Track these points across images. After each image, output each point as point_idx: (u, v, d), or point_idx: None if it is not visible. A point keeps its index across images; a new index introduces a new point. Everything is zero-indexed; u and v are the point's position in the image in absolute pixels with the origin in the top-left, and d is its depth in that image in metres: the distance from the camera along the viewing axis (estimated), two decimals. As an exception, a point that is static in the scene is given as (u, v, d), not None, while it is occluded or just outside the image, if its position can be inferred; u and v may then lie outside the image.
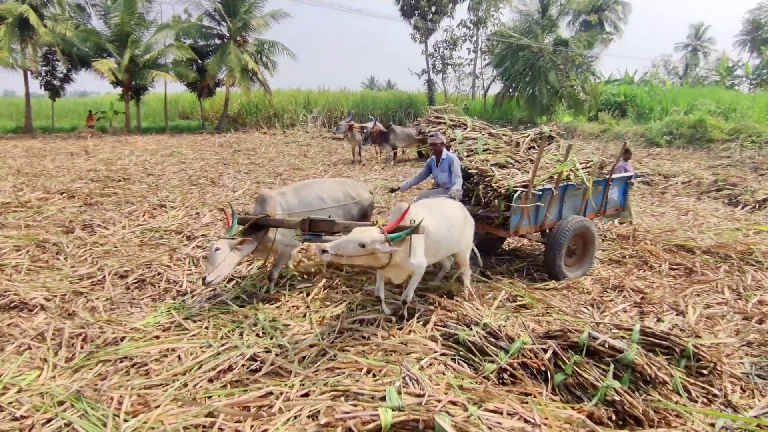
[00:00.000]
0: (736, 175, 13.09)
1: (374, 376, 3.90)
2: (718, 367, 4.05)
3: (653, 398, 3.65)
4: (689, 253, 7.20)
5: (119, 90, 27.38)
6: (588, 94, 27.96)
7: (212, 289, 5.72)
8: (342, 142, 21.68)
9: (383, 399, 3.35)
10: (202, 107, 32.05)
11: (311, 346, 4.40)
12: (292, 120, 32.41)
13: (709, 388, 3.89)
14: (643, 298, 5.72)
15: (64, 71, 26.53)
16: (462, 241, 5.29)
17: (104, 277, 5.95)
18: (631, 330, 4.21)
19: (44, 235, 7.21)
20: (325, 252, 3.96)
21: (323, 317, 5.01)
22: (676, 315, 5.34)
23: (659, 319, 5.22)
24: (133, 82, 26.72)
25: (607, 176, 6.86)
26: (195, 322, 4.89)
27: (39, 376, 3.96)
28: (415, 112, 33.73)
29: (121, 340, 4.53)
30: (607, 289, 6.01)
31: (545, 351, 4.01)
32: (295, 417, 3.30)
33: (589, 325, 4.40)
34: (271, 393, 3.70)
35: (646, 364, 3.75)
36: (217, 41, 28.68)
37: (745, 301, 5.71)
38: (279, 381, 3.86)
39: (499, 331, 4.33)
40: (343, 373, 3.90)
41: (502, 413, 3.21)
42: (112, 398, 3.66)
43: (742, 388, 4.03)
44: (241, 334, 4.63)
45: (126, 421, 3.41)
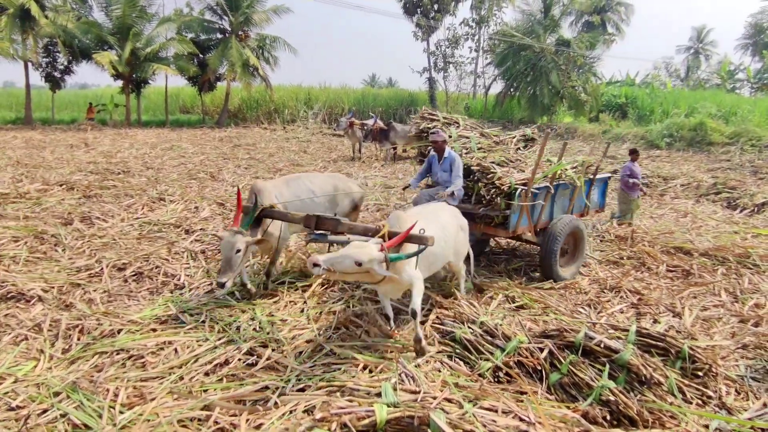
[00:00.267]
0: (736, 179, 13.10)
1: (370, 372, 3.91)
2: (714, 369, 4.06)
3: (648, 399, 3.66)
4: (687, 255, 7.21)
5: (120, 83, 27.30)
6: (589, 95, 27.98)
7: (209, 283, 5.72)
8: (342, 139, 21.67)
9: (379, 395, 3.36)
10: (202, 101, 31.99)
11: (308, 342, 4.41)
12: (293, 116, 32.37)
13: (704, 389, 3.90)
14: (640, 300, 5.73)
15: (65, 63, 26.43)
16: (456, 249, 5.10)
17: (102, 269, 5.94)
18: (628, 331, 4.22)
19: (43, 227, 7.20)
20: (316, 266, 3.70)
21: (320, 313, 5.02)
22: (673, 317, 5.35)
23: (656, 321, 5.24)
24: (134, 75, 26.64)
25: (592, 176, 6.94)
26: (192, 315, 4.90)
27: (35, 367, 3.96)
28: (416, 110, 33.67)
29: (118, 333, 4.53)
30: (605, 290, 6.02)
31: (541, 350, 4.02)
32: (291, 412, 3.31)
33: (586, 325, 4.41)
34: (267, 387, 3.71)
35: (642, 365, 3.76)
36: (219, 36, 28.60)
37: (742, 304, 5.72)
38: (275, 375, 3.87)
39: (496, 329, 4.34)
40: (339, 369, 3.91)
41: (497, 411, 3.22)
42: (108, 390, 3.66)
43: (736, 390, 4.05)
44: (238, 329, 4.64)
45: (121, 412, 3.42)
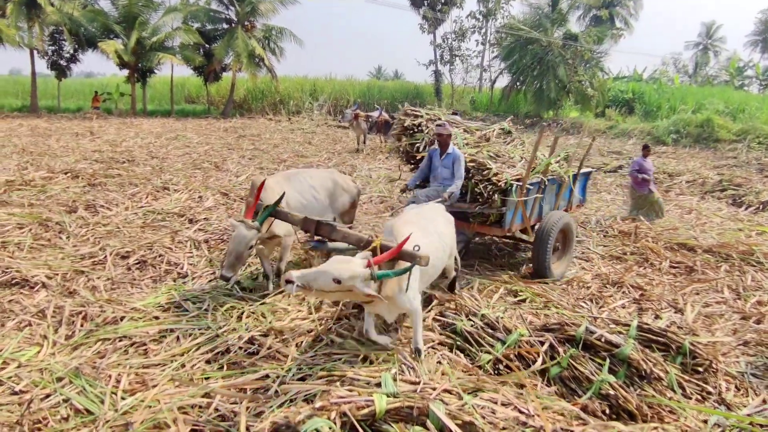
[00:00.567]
0: (742, 176, 13.02)
1: (371, 362, 3.92)
2: (714, 365, 4.05)
3: (648, 393, 3.66)
4: (690, 251, 7.19)
5: (125, 72, 27.34)
6: (596, 90, 27.85)
7: (212, 272, 5.74)
8: (347, 131, 21.62)
9: (379, 385, 3.37)
10: (208, 92, 31.97)
11: (308, 332, 4.42)
12: (298, 107, 32.35)
13: (704, 385, 3.90)
14: (642, 295, 5.73)
15: (71, 51, 26.43)
16: (451, 251, 4.81)
17: (106, 257, 5.97)
18: (629, 326, 4.22)
19: (47, 214, 7.23)
20: (289, 282, 3.26)
21: (321, 303, 5.03)
22: (675, 313, 5.35)
23: (657, 316, 5.23)
24: (140, 65, 26.66)
25: (576, 172, 6.83)
26: (194, 304, 4.92)
27: (39, 353, 4.00)
28: (422, 103, 33.62)
29: (121, 320, 4.56)
30: (607, 285, 6.02)
31: (542, 343, 4.02)
32: (291, 401, 3.32)
33: (587, 319, 4.41)
34: (268, 376, 3.72)
35: (642, 360, 3.77)
36: (225, 26, 28.58)
37: (744, 301, 5.71)
38: (276, 365, 3.89)
39: (497, 322, 4.34)
40: (340, 359, 3.92)
41: (496, 403, 3.22)
42: (111, 376, 3.69)
43: (736, 387, 4.05)
44: (240, 318, 4.66)
45: (123, 398, 3.45)
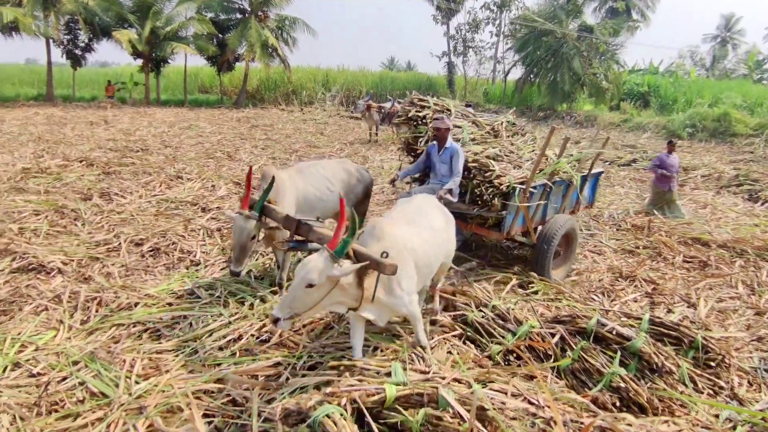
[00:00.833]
0: (759, 171, 12.81)
1: (381, 352, 3.94)
2: (727, 360, 4.03)
3: (659, 387, 3.65)
4: (705, 246, 7.13)
5: (140, 61, 27.48)
6: (611, 83, 27.51)
7: (224, 260, 5.79)
8: (359, 122, 21.59)
9: (389, 375, 3.39)
10: (221, 82, 32.06)
11: (320, 320, 4.45)
12: (311, 98, 32.36)
13: (716, 380, 3.88)
14: (655, 289, 5.69)
15: (86, 41, 26.63)
16: (448, 249, 4.33)
17: (120, 244, 6.04)
18: (641, 319, 4.20)
19: (63, 201, 7.33)
20: (276, 321, 3.01)
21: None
22: (687, 307, 5.31)
23: (670, 310, 5.20)
24: (153, 54, 26.77)
25: (586, 173, 6.38)
26: (207, 291, 4.97)
27: (55, 337, 4.07)
28: (434, 95, 33.42)
29: (135, 306, 4.63)
30: (619, 278, 5.99)
31: (553, 335, 4.02)
32: (302, 388, 3.35)
33: (599, 312, 4.39)
34: (279, 364, 3.76)
35: (654, 353, 3.75)
36: (239, 16, 28.55)
37: (759, 296, 5.65)
38: (287, 352, 3.93)
39: (508, 313, 4.34)
40: (351, 348, 3.93)
41: (506, 393, 3.23)
42: (125, 360, 3.76)
43: (749, 382, 4.03)
44: (252, 306, 4.70)
45: (137, 383, 3.51)
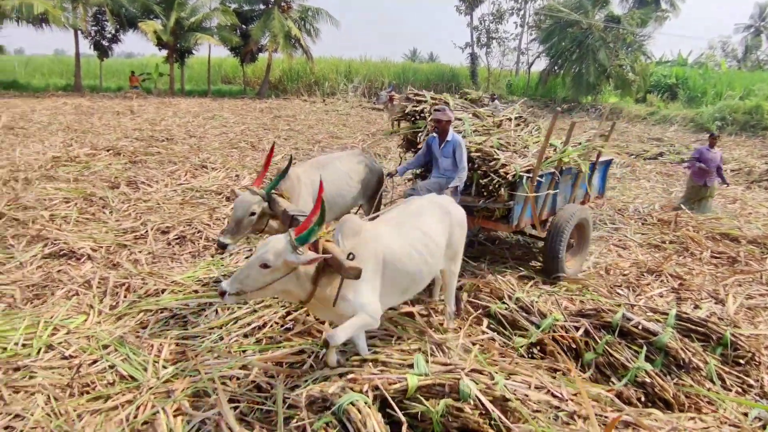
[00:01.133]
0: (792, 166, 12.50)
1: (404, 342, 3.94)
2: (756, 358, 3.94)
3: (685, 383, 3.60)
4: (734, 242, 6.97)
5: (164, 52, 27.83)
6: (637, 75, 26.97)
7: (249, 249, 5.86)
8: (381, 113, 21.57)
9: (411, 367, 3.40)
10: (244, 72, 32.30)
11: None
12: (333, 89, 32.41)
13: (745, 378, 3.81)
14: (682, 285, 5.59)
15: (113, 31, 27.05)
16: (448, 256, 3.91)
17: (147, 231, 6.16)
18: (667, 314, 4.13)
19: (91, 189, 7.48)
20: (222, 294, 2.91)
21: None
22: (715, 303, 5.21)
23: (697, 306, 5.11)
24: (178, 45, 27.08)
25: (595, 160, 6.17)
26: (232, 279, 5.02)
27: (85, 321, 4.18)
28: (457, 86, 33.21)
29: (162, 292, 4.71)
30: (644, 273, 5.89)
31: (577, 329, 3.99)
32: (326, 378, 3.39)
33: (624, 306, 4.34)
34: (303, 351, 3.79)
35: (681, 349, 3.70)
36: (262, 6, 28.73)
37: (790, 294, 5.51)
38: (311, 340, 3.96)
39: (532, 306, 4.32)
40: (374, 336, 3.96)
41: (529, 385, 3.22)
42: (153, 345, 3.84)
43: (779, 381, 3.93)
44: (276, 294, 4.74)
45: (165, 367, 3.59)
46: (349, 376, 3.06)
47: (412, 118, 6.20)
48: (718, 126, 19.45)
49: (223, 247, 4.11)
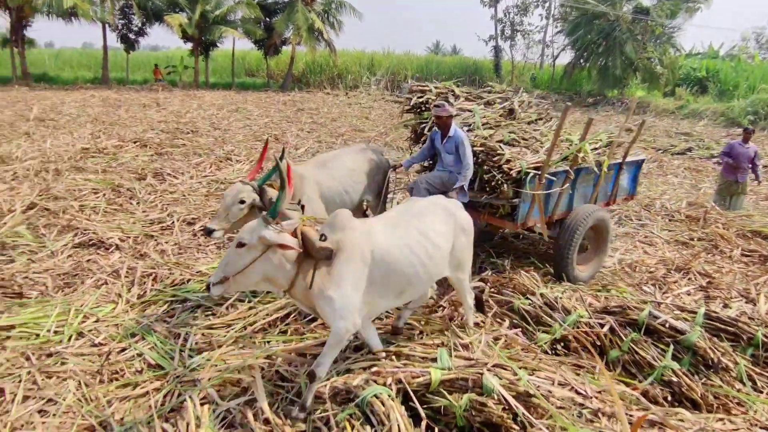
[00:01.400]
0: (826, 162, 12.11)
1: (426, 336, 3.95)
2: (789, 359, 3.85)
3: (714, 383, 3.53)
4: (766, 240, 6.79)
5: (189, 45, 28.14)
6: (665, 68, 26.38)
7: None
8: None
9: (434, 361, 3.40)
10: (267, 65, 32.47)
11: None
12: (356, 81, 32.40)
13: (777, 379, 3.72)
14: (710, 283, 5.47)
15: (139, 25, 27.50)
16: (452, 263, 3.72)
17: (173, 222, 6.26)
18: (695, 313, 4.06)
19: (119, 180, 7.63)
20: (208, 288, 2.89)
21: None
22: (746, 302, 5.08)
23: (726, 305, 5.00)
24: (203, 38, 27.35)
25: (620, 160, 5.81)
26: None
27: (114, 309, 4.27)
28: (480, 79, 32.90)
29: (188, 282, 4.79)
30: (672, 271, 5.78)
31: (602, 326, 3.94)
32: (348, 370, 3.41)
33: (651, 304, 4.26)
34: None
35: (709, 348, 3.62)
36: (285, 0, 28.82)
37: (824, 294, 5.35)
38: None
39: (556, 302, 4.28)
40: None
41: (553, 382, 3.20)
42: (179, 334, 3.91)
43: (813, 383, 3.83)
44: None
45: (191, 356, 3.65)
46: (373, 369, 3.07)
47: (418, 110, 6.03)
48: (751, 120, 18.93)
49: (209, 232, 4.09)
